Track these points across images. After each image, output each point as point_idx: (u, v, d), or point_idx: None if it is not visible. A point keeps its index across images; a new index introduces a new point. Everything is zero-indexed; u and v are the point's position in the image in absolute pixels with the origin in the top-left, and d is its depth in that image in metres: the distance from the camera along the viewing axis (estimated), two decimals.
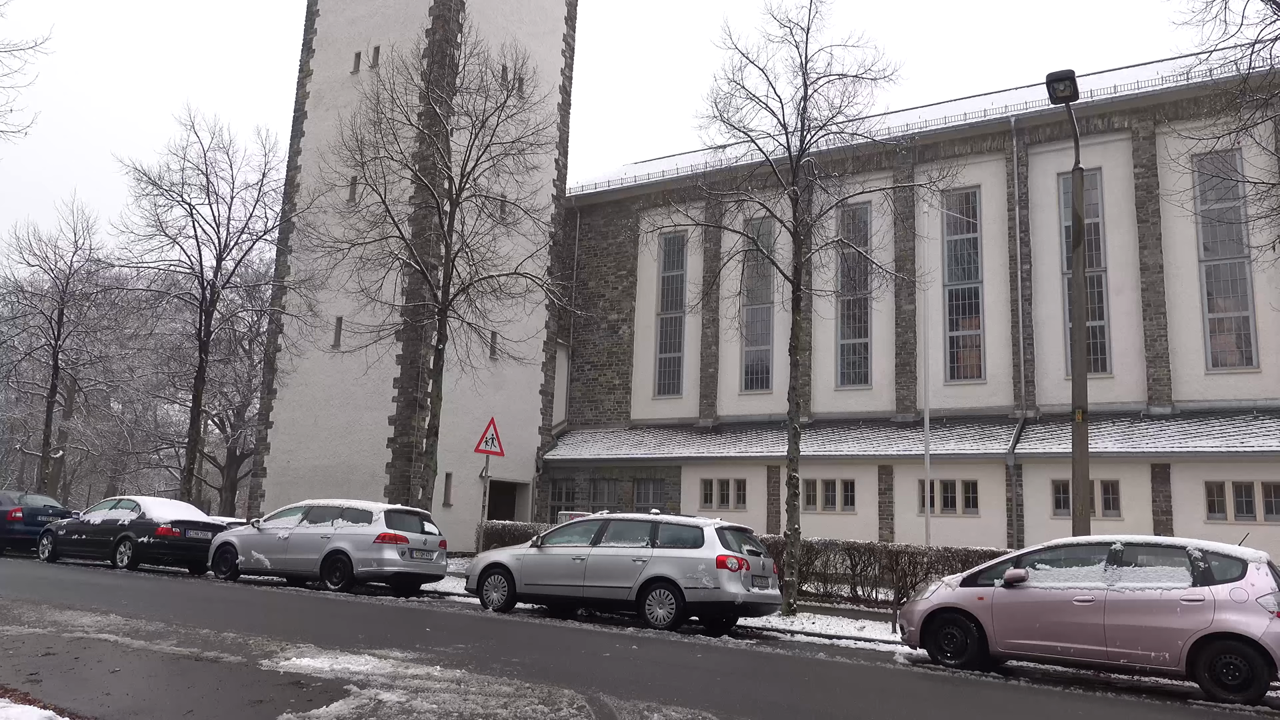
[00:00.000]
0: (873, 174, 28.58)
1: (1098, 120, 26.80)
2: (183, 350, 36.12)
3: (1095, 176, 26.63)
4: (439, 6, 30.65)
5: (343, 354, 28.43)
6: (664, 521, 14.78)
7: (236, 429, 43.95)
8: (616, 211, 35.66)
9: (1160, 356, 25.10)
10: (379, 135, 23.14)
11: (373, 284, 22.92)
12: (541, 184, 31.90)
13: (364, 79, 30.59)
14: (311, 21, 34.15)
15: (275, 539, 18.49)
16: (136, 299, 29.75)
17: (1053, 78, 15.52)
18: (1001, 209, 28.24)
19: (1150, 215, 25.81)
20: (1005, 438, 25.89)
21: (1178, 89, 24.83)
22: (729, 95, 19.73)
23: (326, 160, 27.28)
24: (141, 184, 25.81)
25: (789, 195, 19.75)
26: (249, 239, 27.35)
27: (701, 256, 32.16)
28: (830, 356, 30.33)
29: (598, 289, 35.50)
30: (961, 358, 28.51)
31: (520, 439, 32.04)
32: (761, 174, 21.79)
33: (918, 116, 31.45)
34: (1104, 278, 26.58)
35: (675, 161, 37.13)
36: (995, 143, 28.56)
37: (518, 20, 33.21)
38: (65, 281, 32.45)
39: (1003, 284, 27.87)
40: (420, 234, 27.73)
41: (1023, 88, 32.36)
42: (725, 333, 31.10)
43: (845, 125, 19.84)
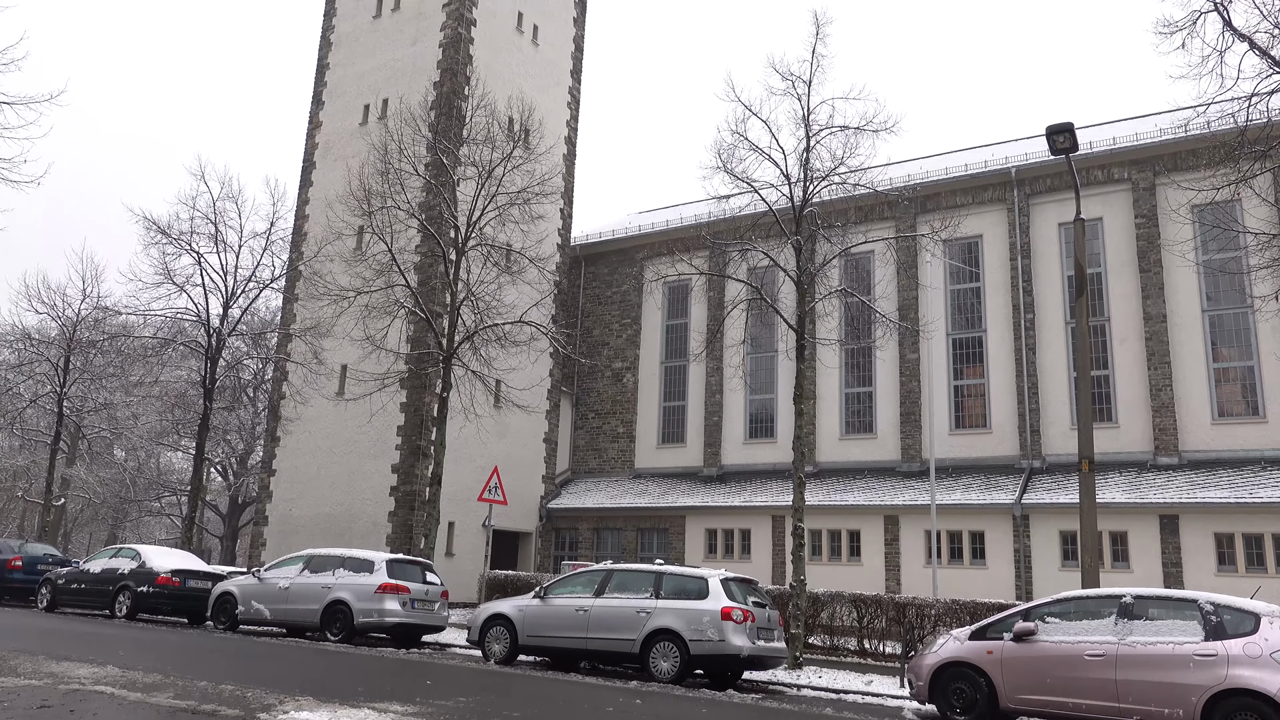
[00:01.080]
0: (875, 224, 28.79)
1: (1098, 171, 27.05)
2: (187, 397, 36.15)
3: (1096, 227, 26.81)
4: (447, 60, 31.20)
5: (347, 402, 28.44)
6: (668, 572, 14.63)
7: (239, 476, 43.82)
8: (621, 260, 35.89)
9: (1166, 406, 25.01)
10: (386, 185, 23.41)
11: (378, 332, 23.01)
12: (546, 233, 32.18)
13: (372, 130, 31.05)
14: (322, 75, 34.76)
15: (276, 589, 18.31)
16: (143, 346, 29.86)
17: (1052, 130, 15.68)
18: (1004, 258, 28.38)
19: (1152, 265, 25.92)
20: (1011, 488, 25.71)
21: (1176, 141, 25.11)
22: (732, 146, 19.99)
23: (334, 210, 27.58)
24: (151, 233, 26.09)
25: (792, 245, 19.89)
26: (256, 287, 27.56)
27: (705, 305, 32.30)
28: (834, 405, 30.27)
29: (602, 337, 35.60)
30: (966, 407, 28.43)
31: (523, 488, 31.88)
32: (765, 223, 21.97)
33: (919, 167, 31.78)
34: (1107, 327, 26.60)
35: (679, 211, 37.46)
36: (996, 193, 28.80)
37: (524, 74, 33.77)
38: (72, 329, 32.64)
39: (1006, 333, 27.90)
40: (426, 282, 27.91)
41: (1022, 139, 32.75)
42: (729, 381, 31.08)
43: (847, 176, 20.04)
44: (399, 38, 32.86)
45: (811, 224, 20.91)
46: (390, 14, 33.43)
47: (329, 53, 34.81)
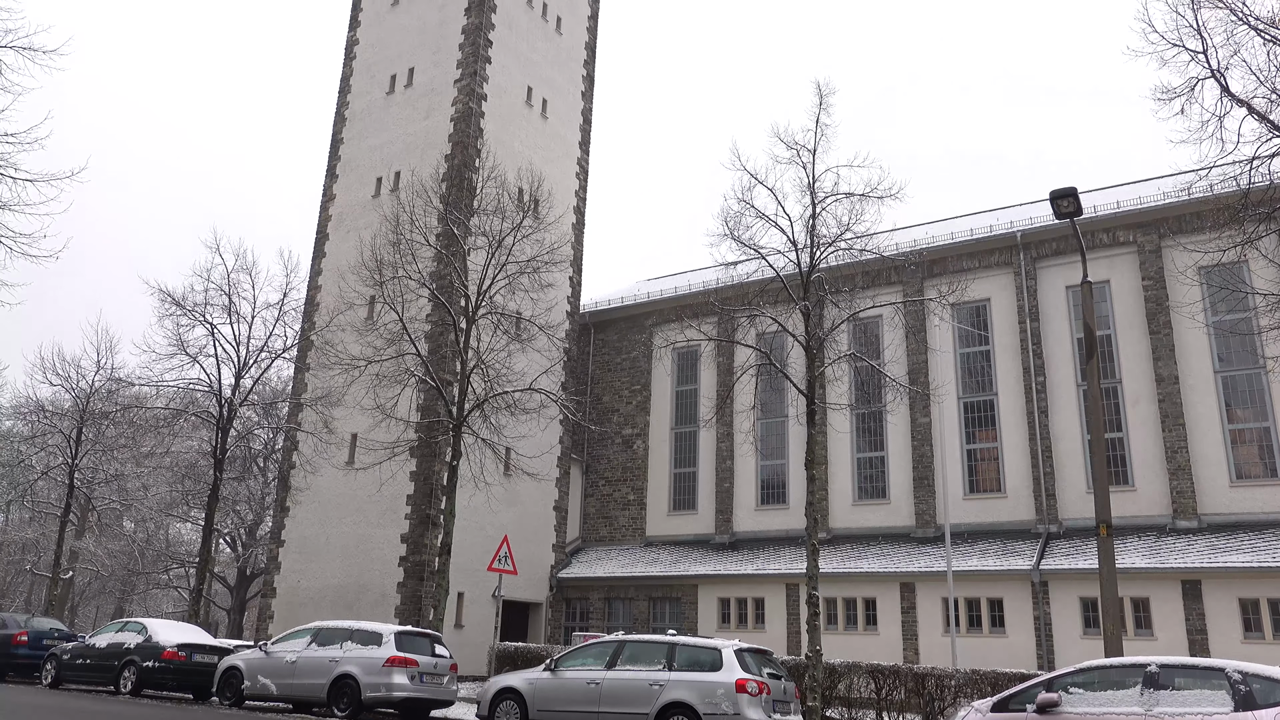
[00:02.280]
0: (883, 288, 28.93)
1: (1103, 234, 27.21)
2: (198, 468, 36.15)
3: (1104, 289, 26.86)
4: (458, 133, 31.86)
5: (356, 471, 28.37)
6: (681, 643, 14.36)
7: (248, 547, 43.51)
8: (630, 327, 36.07)
9: (1182, 469, 24.71)
10: (398, 255, 23.71)
11: (388, 400, 23.06)
12: (556, 301, 32.44)
13: (384, 202, 31.59)
14: (336, 149, 35.51)
15: (283, 663, 18.01)
16: (155, 417, 30.01)
17: (1056, 194, 15.80)
18: (1012, 321, 28.40)
19: (1162, 327, 25.88)
20: (1029, 553, 25.30)
21: (1180, 204, 25.28)
22: (739, 214, 20.25)
23: (346, 280, 27.89)
24: (165, 304, 26.39)
25: (800, 310, 19.98)
26: (268, 357, 27.74)
27: (715, 371, 32.32)
28: (846, 470, 30.03)
29: (611, 404, 35.58)
30: (980, 471, 28.16)
31: (533, 557, 31.54)
32: (773, 289, 22.09)
33: (925, 232, 32.05)
34: (1119, 389, 26.46)
35: (687, 278, 37.75)
36: (1002, 257, 28.96)
37: (533, 145, 34.43)
38: (85, 400, 32.83)
39: (1018, 396, 27.77)
40: (436, 351, 28.06)
41: (1026, 204, 33.05)
42: (740, 447, 30.93)
43: (854, 242, 20.23)
44: (412, 112, 33.63)
45: (819, 289, 21.04)
46: (403, 90, 34.27)
47: (343, 128, 35.61)
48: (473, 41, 32.87)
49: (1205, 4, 14.63)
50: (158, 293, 26.38)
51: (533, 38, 35.68)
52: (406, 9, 35.59)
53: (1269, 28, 14.37)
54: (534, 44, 35.69)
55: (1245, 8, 14.43)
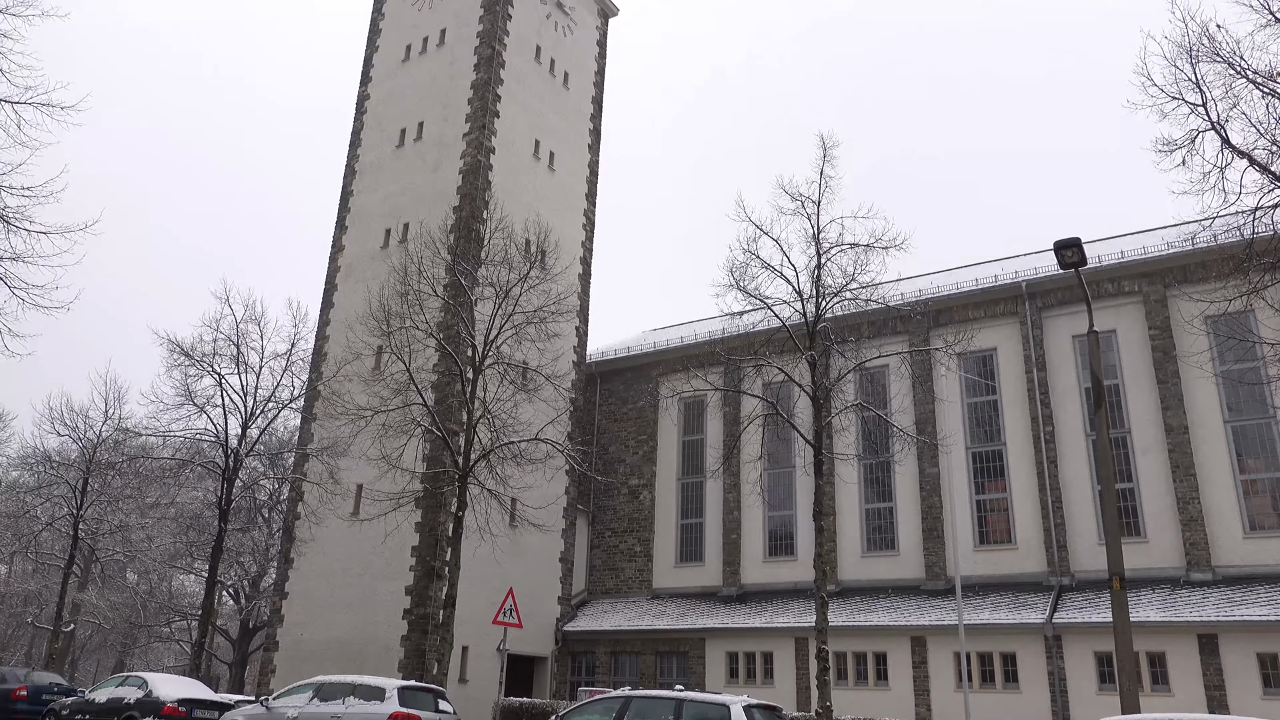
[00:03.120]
0: (889, 338, 28.96)
1: (1108, 284, 27.24)
2: (202, 519, 36.00)
3: (1110, 339, 26.83)
4: (467, 186, 32.25)
5: (362, 522, 28.21)
6: (689, 699, 14.09)
7: (251, 600, 43.14)
8: (636, 377, 36.07)
9: (1195, 520, 24.42)
10: (405, 306, 23.86)
11: (394, 451, 23.01)
12: (562, 351, 32.53)
13: (393, 253, 31.86)
14: (346, 201, 35.93)
15: (284, 719, 17.72)
16: (160, 467, 29.98)
17: (1060, 245, 15.88)
18: (1019, 371, 28.33)
19: (1170, 376, 25.76)
20: (1041, 606, 24.92)
21: (1184, 254, 25.34)
22: (744, 264, 20.42)
23: (354, 330, 28.02)
24: (174, 355, 26.52)
25: (807, 360, 20.00)
26: (275, 407, 27.77)
27: (721, 421, 32.25)
28: (855, 521, 29.75)
29: (618, 454, 35.44)
30: (990, 522, 27.87)
31: (539, 609, 31.17)
32: (779, 339, 22.14)
33: (930, 282, 32.14)
34: (1129, 439, 26.27)
35: (693, 328, 37.85)
36: (1008, 306, 28.98)
37: (540, 197, 34.82)
38: (92, 451, 32.83)
39: (1026, 446, 27.58)
40: (443, 401, 28.07)
41: (1031, 254, 33.17)
42: (747, 498, 30.72)
43: (859, 292, 20.34)
44: (420, 165, 34.09)
45: (825, 339, 21.10)
46: (413, 143, 34.78)
47: (353, 180, 36.09)
48: (482, 96, 33.44)
49: (1203, 58, 14.85)
50: (167, 343, 26.56)
51: (541, 92, 36.29)
52: (417, 65, 36.28)
53: (1267, 81, 14.55)
54: (542, 98, 36.29)
55: (1243, 61, 14.64)
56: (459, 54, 34.88)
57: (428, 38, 36.37)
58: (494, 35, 34.23)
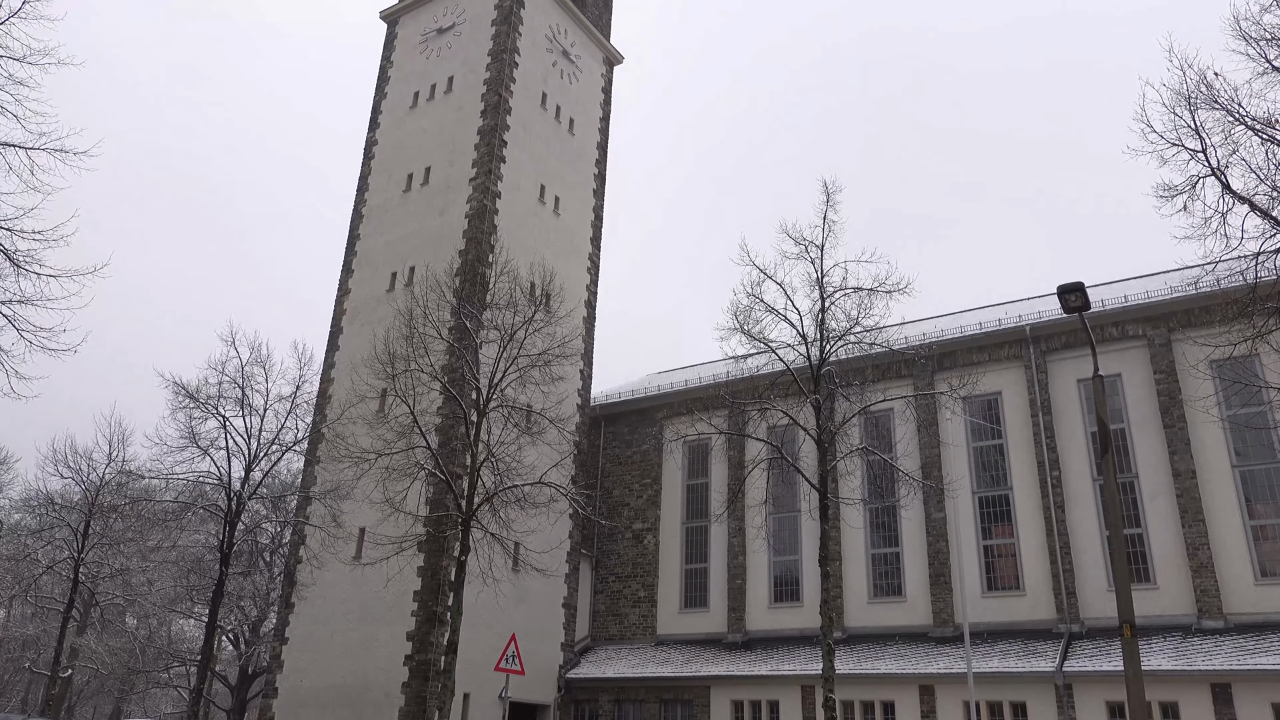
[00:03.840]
0: (893, 382, 28.92)
1: (1112, 328, 27.25)
2: (204, 563, 35.78)
3: (1116, 383, 26.77)
4: (473, 229, 32.50)
5: (364, 566, 28.00)
6: None
7: (251, 645, 42.68)
8: (640, 420, 36.00)
9: (1205, 566, 24.14)
10: (410, 349, 23.93)
11: (397, 494, 22.92)
12: (566, 394, 32.51)
13: (399, 296, 32.01)
14: (353, 244, 36.22)
15: None
16: (163, 510, 29.86)
17: (1063, 289, 15.89)
18: (1025, 415, 28.23)
19: (1176, 420, 25.65)
20: (1051, 654, 24.55)
21: (1188, 298, 25.36)
22: (748, 308, 20.51)
23: (359, 373, 28.06)
24: (179, 397, 26.53)
25: (811, 404, 19.98)
26: (279, 450, 27.69)
27: (726, 465, 32.10)
28: (861, 567, 29.45)
29: (622, 498, 35.25)
30: (997, 568, 27.57)
31: (541, 655, 30.78)
32: (783, 383, 22.13)
33: (934, 326, 32.19)
34: (1136, 484, 26.08)
35: (698, 371, 37.85)
36: (1013, 350, 28.97)
37: (545, 241, 35.07)
38: (95, 493, 32.72)
39: (1033, 491, 27.39)
40: (446, 444, 28.00)
41: (1035, 298, 33.26)
42: (752, 542, 30.48)
43: (863, 335, 20.38)
44: (427, 209, 34.40)
45: (830, 383, 21.09)
46: (420, 188, 35.14)
47: (360, 224, 36.40)
48: (488, 142, 33.85)
49: (1202, 105, 15.03)
50: (172, 385, 26.59)
51: (546, 138, 36.73)
52: (425, 111, 36.78)
53: (1266, 127, 14.69)
54: (548, 144, 36.72)
55: (1241, 108, 14.80)
56: (466, 101, 35.39)
57: (435, 85, 36.94)
58: (501, 83, 34.75)
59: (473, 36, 36.70)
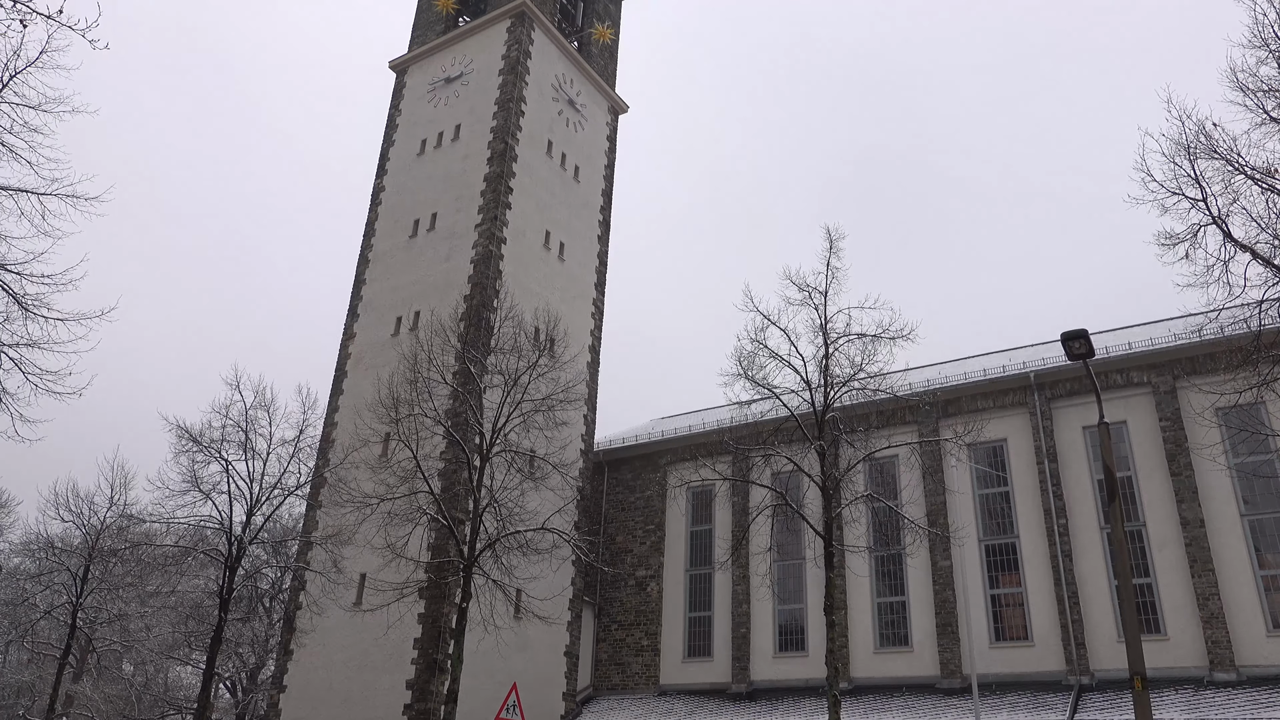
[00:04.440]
0: (898, 428, 28.82)
1: (1116, 375, 27.21)
2: (202, 608, 35.42)
3: (1121, 430, 26.65)
4: (478, 275, 32.72)
5: (364, 613, 27.72)
6: None
7: (248, 692, 42.11)
8: (644, 466, 35.86)
9: (1215, 616, 23.82)
10: (414, 393, 23.96)
11: (399, 539, 22.79)
12: (570, 439, 32.44)
13: (403, 340, 32.13)
14: (358, 289, 36.45)
15: None
16: (163, 555, 29.65)
17: (1067, 336, 15.91)
18: (1030, 462, 28.08)
19: (1183, 468, 25.48)
20: (1061, 707, 24.12)
21: (1192, 345, 25.38)
22: (752, 354, 20.54)
23: (362, 417, 28.05)
24: (182, 441, 26.47)
25: (816, 450, 19.91)
26: (281, 494, 27.53)
27: (730, 511, 31.89)
28: (867, 616, 29.09)
29: (625, 544, 34.98)
30: (1005, 617, 27.22)
31: (543, 705, 30.30)
32: (787, 428, 22.07)
33: (938, 372, 32.17)
34: (1144, 532, 25.84)
35: (701, 416, 37.78)
36: (1017, 397, 28.90)
37: (550, 286, 35.27)
38: (95, 537, 32.54)
39: (1040, 539, 27.14)
40: (449, 489, 27.88)
41: (1039, 344, 33.29)
42: (756, 590, 30.16)
43: (867, 382, 20.38)
44: (433, 254, 34.67)
45: (834, 429, 21.04)
46: (426, 233, 35.45)
47: (366, 269, 36.67)
48: (494, 188, 34.21)
49: (1201, 155, 15.17)
50: (176, 429, 26.56)
51: (552, 185, 37.13)
52: (432, 159, 37.25)
53: (1265, 177, 14.81)
54: (553, 191, 37.11)
55: (1241, 158, 14.94)
56: (473, 148, 35.84)
57: (443, 133, 37.45)
58: (507, 130, 35.23)
59: (480, 86, 37.30)
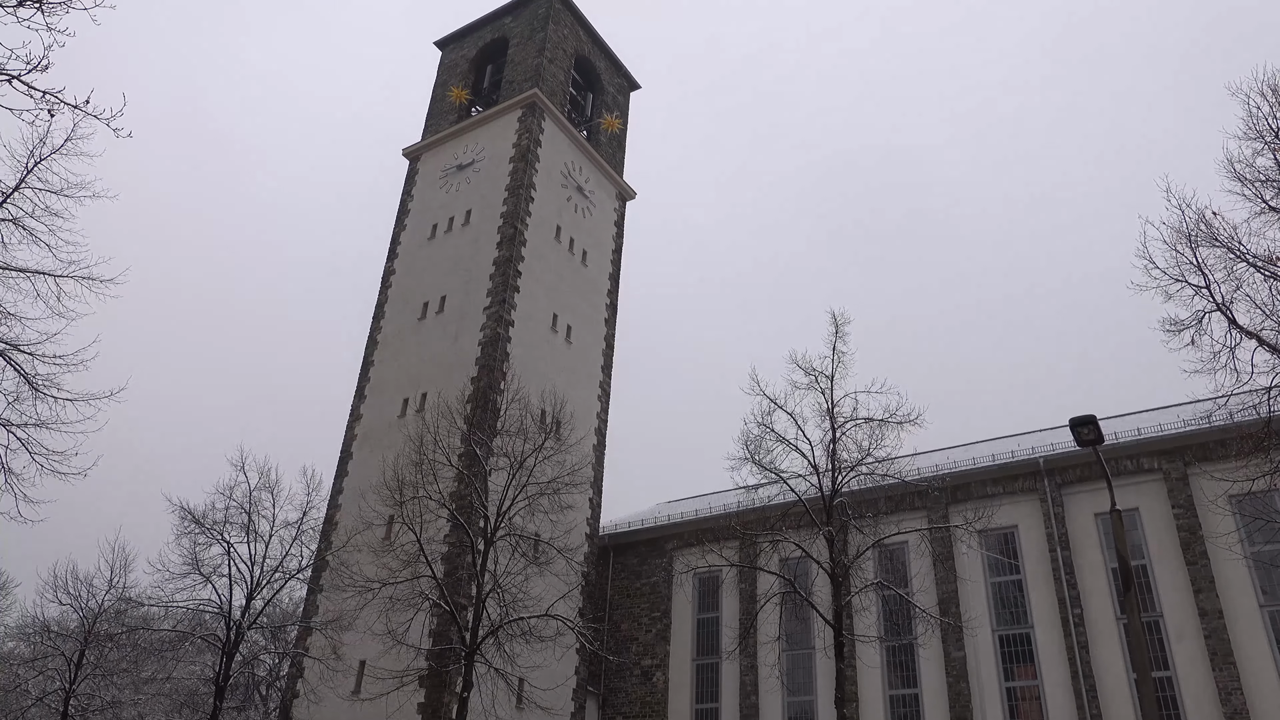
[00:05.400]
0: (907, 514, 28.49)
1: (1127, 461, 26.97)
2: (198, 696, 34.63)
3: (1134, 517, 26.28)
4: (485, 357, 32.88)
5: (363, 701, 27.00)
6: None
7: None
8: (650, 551, 35.37)
9: (1239, 713, 23.06)
10: (419, 475, 23.84)
11: (400, 625, 22.38)
12: (575, 523, 32.09)
13: (410, 422, 32.11)
14: (366, 370, 36.62)
15: None
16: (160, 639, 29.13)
17: (1076, 422, 15.77)
18: (1042, 549, 27.62)
19: (1198, 557, 25.02)
20: None
21: (1202, 431, 25.17)
22: (759, 438, 20.47)
23: (366, 499, 27.86)
24: (185, 523, 26.30)
25: (824, 536, 19.66)
26: (282, 578, 27.21)
27: (737, 598, 31.31)
28: (879, 709, 28.22)
29: (630, 631, 34.26)
30: (1022, 711, 26.39)
31: None
32: (795, 513, 21.84)
33: (947, 457, 31.94)
34: (1161, 623, 25.24)
35: (708, 500, 37.43)
36: (1027, 483, 28.61)
37: (557, 368, 35.39)
38: (92, 621, 32.00)
39: (1055, 628, 26.50)
40: (452, 573, 27.49)
41: (1047, 429, 33.11)
42: (765, 681, 29.37)
43: (875, 466, 20.24)
44: (441, 336, 34.92)
45: (843, 514, 20.81)
46: (435, 316, 35.79)
47: (375, 350, 36.91)
48: (503, 272, 34.66)
49: (1203, 242, 15.34)
50: (179, 510, 26.41)
51: (560, 269, 37.61)
52: (442, 242, 37.86)
53: (1267, 265, 14.93)
54: (561, 274, 37.57)
55: (1242, 246, 15.09)
56: (483, 232, 36.46)
57: (453, 217, 38.15)
58: (517, 216, 35.87)
59: (491, 173, 38.13)
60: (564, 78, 42.11)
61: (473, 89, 43.48)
